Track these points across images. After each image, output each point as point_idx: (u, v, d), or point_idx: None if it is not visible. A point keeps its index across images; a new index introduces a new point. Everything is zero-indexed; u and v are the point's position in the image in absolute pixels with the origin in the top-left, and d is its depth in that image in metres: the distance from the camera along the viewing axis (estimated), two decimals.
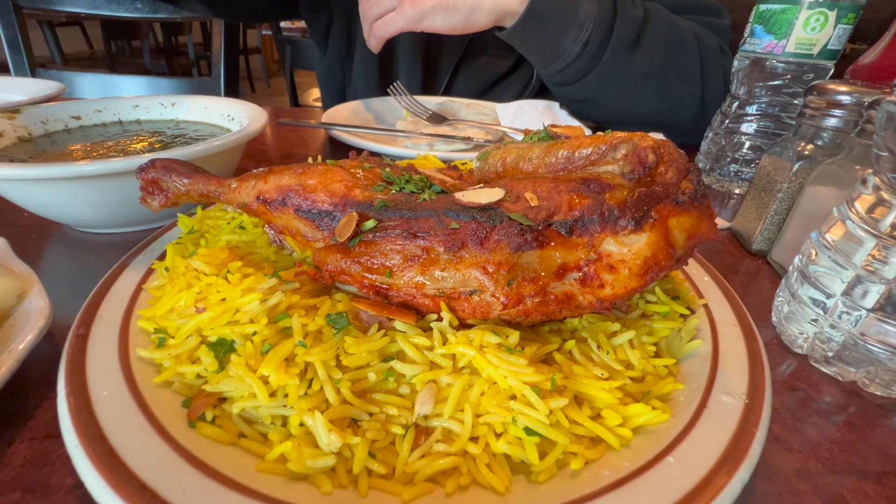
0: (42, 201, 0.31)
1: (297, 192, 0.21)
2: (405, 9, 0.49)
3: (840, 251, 0.23)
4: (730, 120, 0.49)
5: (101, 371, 0.17)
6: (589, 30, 0.50)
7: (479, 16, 0.50)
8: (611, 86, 0.55)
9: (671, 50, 0.56)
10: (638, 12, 0.53)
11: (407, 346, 0.18)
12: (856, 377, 0.24)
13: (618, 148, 0.20)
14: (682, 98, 0.58)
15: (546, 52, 0.53)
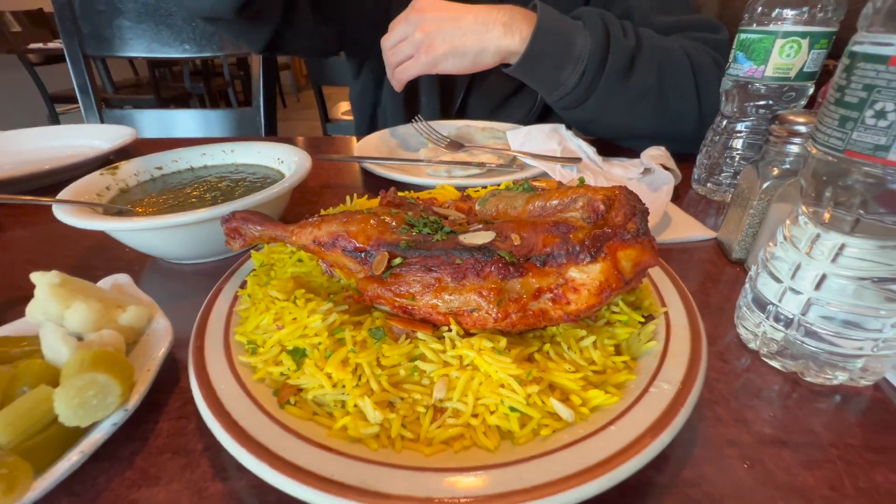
0: (143, 241, 0.40)
1: (343, 237, 0.29)
2: (421, 56, 0.57)
3: (774, 266, 0.28)
4: (720, 135, 0.54)
5: (217, 371, 0.25)
6: (584, 62, 0.56)
7: (486, 57, 0.57)
8: (610, 108, 0.61)
9: (664, 71, 0.61)
10: (630, 42, 0.58)
11: (426, 350, 0.25)
12: (795, 368, 0.29)
13: (577, 200, 0.26)
14: (679, 114, 0.63)
15: (547, 84, 0.59)
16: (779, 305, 0.28)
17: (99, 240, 0.46)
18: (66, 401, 0.21)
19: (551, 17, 0.57)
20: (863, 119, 0.22)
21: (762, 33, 0.46)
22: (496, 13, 0.57)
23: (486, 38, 0.57)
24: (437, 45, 0.56)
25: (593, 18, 0.58)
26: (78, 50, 1.08)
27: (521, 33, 0.57)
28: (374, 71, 0.87)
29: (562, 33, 0.57)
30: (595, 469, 0.19)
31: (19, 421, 0.21)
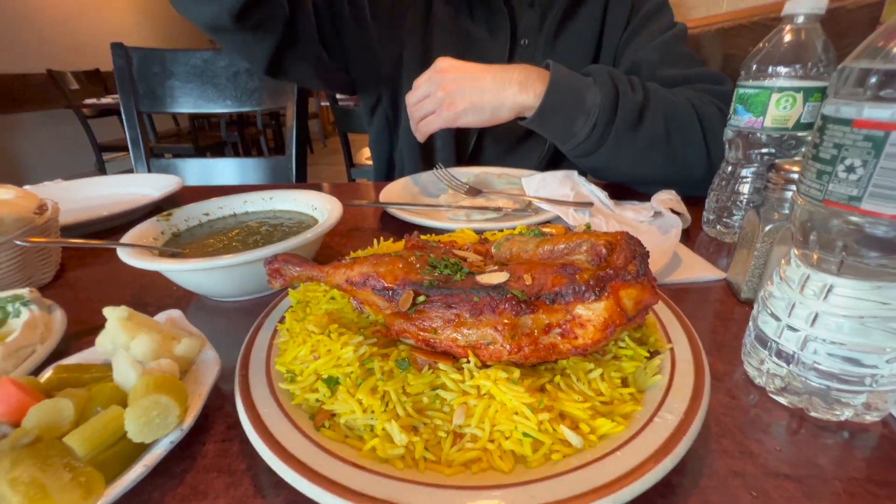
0: (192, 280, 0.44)
1: (373, 277, 0.32)
2: (443, 112, 0.62)
3: (772, 304, 0.30)
4: (727, 181, 0.57)
5: (260, 397, 0.28)
6: (595, 116, 0.60)
7: (503, 112, 0.62)
8: (621, 157, 0.65)
9: (671, 122, 0.65)
10: (637, 96, 0.63)
11: (447, 380, 0.27)
12: (800, 404, 0.30)
13: (582, 244, 0.29)
14: (688, 161, 0.66)
15: (560, 135, 0.64)
16: (779, 342, 0.30)
17: (151, 278, 0.51)
18: (134, 419, 0.25)
19: (563, 74, 0.63)
20: (836, 173, 0.25)
21: (758, 88, 0.50)
22: (512, 72, 0.63)
23: (503, 95, 0.62)
24: (458, 102, 0.62)
25: (602, 75, 0.63)
26: (133, 107, 1.19)
27: (536, 90, 0.62)
28: (387, 115, 0.93)
29: (573, 89, 0.62)
30: (601, 490, 0.21)
31: (94, 436, 0.24)
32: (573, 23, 0.82)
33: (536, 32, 0.82)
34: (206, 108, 1.22)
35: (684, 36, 0.76)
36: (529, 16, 0.82)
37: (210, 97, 1.20)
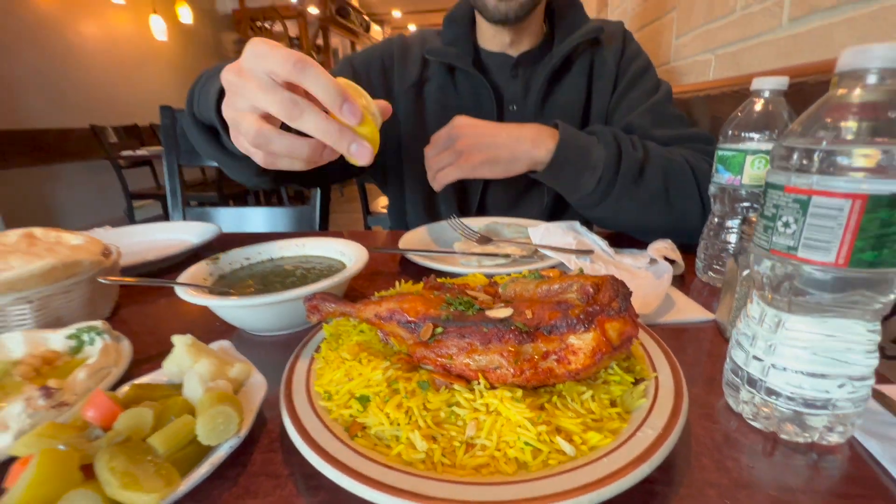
0: (237, 316, 0.50)
1: (398, 312, 0.38)
2: (461, 164, 0.70)
3: (741, 337, 0.35)
4: (714, 231, 0.62)
5: (303, 412, 0.33)
6: (601, 170, 0.67)
7: (517, 166, 0.70)
8: (623, 209, 0.71)
9: (669, 178, 0.71)
10: (638, 154, 0.70)
11: (461, 398, 0.32)
12: (773, 428, 0.34)
13: (573, 285, 0.35)
14: (684, 213, 0.72)
15: (568, 187, 0.71)
16: (748, 371, 0.34)
17: (195, 314, 0.58)
18: (203, 424, 0.30)
19: (570, 133, 0.70)
20: (776, 227, 0.31)
21: (735, 151, 0.57)
22: (525, 130, 0.71)
23: (517, 150, 0.70)
24: (475, 155, 0.70)
25: (606, 134, 0.71)
26: (175, 162, 1.32)
27: (547, 146, 0.69)
28: (396, 186, 1.00)
29: (580, 146, 0.70)
30: (589, 486, 0.26)
31: (172, 438, 0.30)
32: (559, 89, 0.88)
33: (523, 99, 0.88)
34: None
35: (670, 96, 0.84)
36: (514, 85, 0.88)
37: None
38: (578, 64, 0.87)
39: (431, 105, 0.90)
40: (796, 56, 0.69)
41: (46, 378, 0.40)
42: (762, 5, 0.78)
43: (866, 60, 0.27)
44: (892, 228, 0.27)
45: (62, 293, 0.50)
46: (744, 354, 0.35)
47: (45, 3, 4.07)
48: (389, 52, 0.91)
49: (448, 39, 0.87)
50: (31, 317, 0.49)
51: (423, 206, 0.96)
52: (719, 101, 0.85)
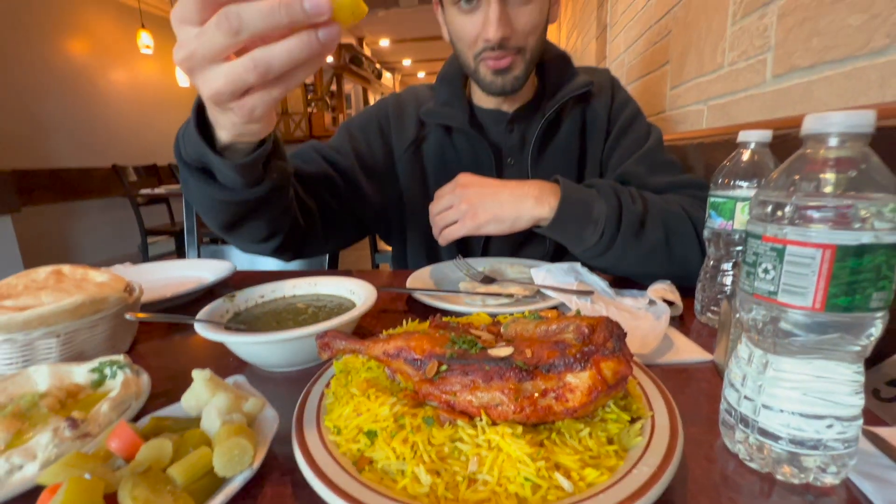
0: (251, 352, 0.52)
1: (405, 350, 0.40)
2: (466, 222, 0.73)
3: (733, 377, 0.37)
4: (710, 274, 0.65)
5: (314, 446, 0.35)
6: (602, 224, 0.70)
7: (521, 223, 0.73)
8: (626, 260, 0.73)
9: (669, 227, 0.74)
10: (638, 207, 0.73)
11: (464, 434, 0.34)
12: (768, 468, 0.35)
13: (569, 325, 0.37)
14: (685, 261, 0.74)
15: (572, 242, 0.73)
16: (741, 410, 0.36)
17: (208, 350, 0.60)
18: (220, 456, 0.32)
19: (571, 188, 0.73)
20: (757, 273, 0.33)
21: (725, 197, 0.60)
22: (527, 188, 0.74)
23: (521, 208, 0.73)
24: (480, 213, 0.72)
25: (605, 188, 0.74)
26: None
27: (550, 203, 0.72)
28: (399, 239, 1.03)
29: (582, 202, 0.72)
30: None
31: (189, 470, 0.31)
32: (554, 140, 0.91)
33: (519, 153, 0.91)
34: None
35: (662, 142, 0.87)
36: (510, 139, 0.91)
37: None
38: (570, 115, 0.91)
39: (430, 163, 0.93)
40: (780, 110, 0.73)
41: (70, 410, 0.42)
42: (747, 63, 0.84)
43: (826, 126, 0.30)
44: (862, 276, 0.29)
45: (88, 328, 0.53)
46: (736, 394, 0.36)
47: (79, 52, 4.36)
48: (385, 114, 0.94)
49: (442, 99, 0.90)
50: (56, 350, 0.51)
51: (426, 258, 0.98)
52: (712, 148, 0.90)
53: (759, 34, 0.80)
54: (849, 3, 0.60)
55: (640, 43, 1.51)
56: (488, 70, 0.79)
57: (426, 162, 0.94)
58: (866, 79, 0.57)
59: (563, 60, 0.91)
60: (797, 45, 0.70)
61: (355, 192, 0.90)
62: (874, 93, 0.56)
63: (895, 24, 0.53)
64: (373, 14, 6.77)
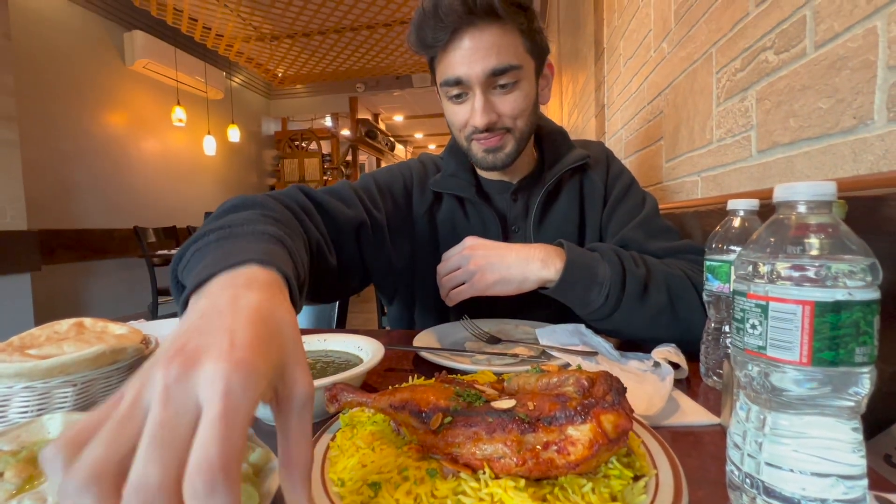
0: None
1: (411, 403, 0.41)
2: (474, 283, 0.75)
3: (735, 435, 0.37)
4: (712, 336, 0.65)
5: (318, 497, 0.35)
6: (607, 287, 0.73)
7: (527, 285, 0.75)
8: (632, 323, 0.75)
9: (672, 291, 0.76)
10: (641, 271, 0.76)
11: (467, 487, 0.34)
12: None
13: (569, 379, 0.38)
14: (689, 323, 0.75)
15: (577, 303, 0.75)
16: (745, 469, 0.36)
17: None
18: None
19: (575, 252, 0.76)
20: (746, 329, 0.35)
21: (720, 261, 0.63)
22: (533, 251, 0.76)
23: (527, 270, 0.75)
24: (488, 276, 0.75)
25: (608, 253, 0.77)
26: None
27: (556, 266, 0.74)
28: (406, 302, 1.06)
29: (587, 265, 0.75)
30: None
31: None
32: (555, 208, 0.96)
33: (523, 220, 0.97)
34: None
35: (657, 209, 0.92)
36: (515, 208, 0.97)
37: None
38: (570, 185, 0.97)
39: (443, 229, 0.99)
40: (767, 180, 0.78)
41: None
42: (734, 139, 0.90)
43: (793, 195, 0.34)
44: (843, 331, 0.31)
45: (104, 378, 0.55)
46: (739, 452, 0.36)
47: (117, 123, 4.73)
48: (410, 177, 1.01)
49: (451, 170, 0.97)
50: (71, 400, 0.53)
51: (434, 319, 0.99)
52: (707, 216, 0.94)
53: (741, 114, 0.87)
54: (816, 89, 0.66)
55: (636, 121, 1.63)
56: (480, 148, 0.86)
57: (439, 228, 0.99)
58: (841, 154, 0.62)
59: (560, 136, 0.99)
60: (776, 125, 0.76)
61: (381, 244, 0.92)
62: (849, 166, 0.61)
63: (860, 107, 0.59)
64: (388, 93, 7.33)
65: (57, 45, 4.09)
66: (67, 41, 4.19)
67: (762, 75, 0.80)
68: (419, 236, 0.99)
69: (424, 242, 0.99)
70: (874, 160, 0.57)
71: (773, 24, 0.77)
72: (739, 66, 0.88)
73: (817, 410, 0.33)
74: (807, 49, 0.69)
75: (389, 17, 4.75)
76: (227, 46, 5.31)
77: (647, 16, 1.50)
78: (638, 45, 1.60)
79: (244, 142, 6.72)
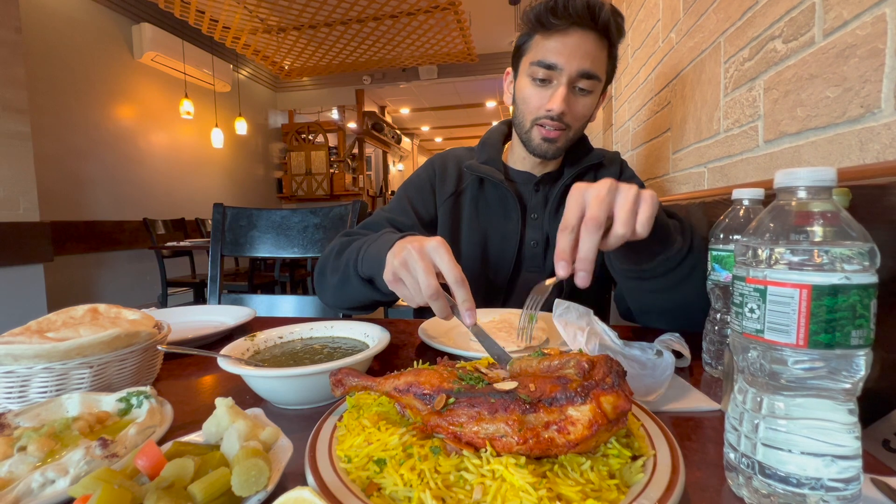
0: (268, 387, 0.55)
1: (415, 385, 0.42)
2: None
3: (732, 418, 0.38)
4: (716, 325, 0.66)
5: (325, 472, 0.36)
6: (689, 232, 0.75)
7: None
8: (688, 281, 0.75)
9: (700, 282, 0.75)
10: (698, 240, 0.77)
11: (469, 464, 0.35)
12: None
13: (570, 361, 0.39)
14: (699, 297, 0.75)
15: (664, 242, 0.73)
16: (741, 450, 0.36)
17: (230, 387, 0.62)
18: (238, 475, 0.34)
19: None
20: (745, 313, 0.35)
21: (725, 251, 0.63)
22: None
23: None
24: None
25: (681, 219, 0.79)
26: (219, 252, 1.45)
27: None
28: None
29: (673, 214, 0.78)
30: None
31: (209, 489, 0.33)
32: None
33: (542, 209, 1.05)
34: (277, 254, 1.47)
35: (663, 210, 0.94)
36: (536, 198, 1.06)
37: (281, 245, 1.45)
38: (586, 181, 1.00)
39: (466, 210, 1.08)
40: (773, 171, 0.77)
41: (98, 435, 0.44)
42: (741, 129, 0.90)
43: (793, 180, 0.34)
44: (839, 314, 0.31)
45: (118, 361, 0.56)
46: (736, 435, 0.37)
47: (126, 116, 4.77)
48: (433, 173, 1.11)
49: (482, 159, 1.07)
50: (88, 381, 0.54)
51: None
52: (713, 207, 0.94)
53: (749, 104, 0.87)
54: (824, 78, 0.66)
55: (643, 112, 1.61)
56: (539, 134, 0.95)
57: (463, 211, 1.08)
58: (847, 143, 0.62)
59: (582, 139, 1.08)
60: (783, 114, 0.76)
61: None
62: (855, 156, 0.60)
63: (867, 96, 0.58)
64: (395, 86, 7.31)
65: (66, 38, 4.12)
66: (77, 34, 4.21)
67: (770, 64, 0.80)
68: (442, 220, 1.08)
69: (447, 226, 1.07)
70: (880, 149, 0.57)
71: (782, 12, 0.76)
72: (748, 55, 0.87)
73: (813, 392, 0.33)
74: (815, 37, 0.68)
75: (396, 9, 4.71)
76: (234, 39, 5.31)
77: (655, 5, 1.48)
78: (646, 35, 1.58)
79: (251, 134, 6.74)
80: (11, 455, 0.40)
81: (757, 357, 0.35)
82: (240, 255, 1.48)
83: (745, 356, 0.36)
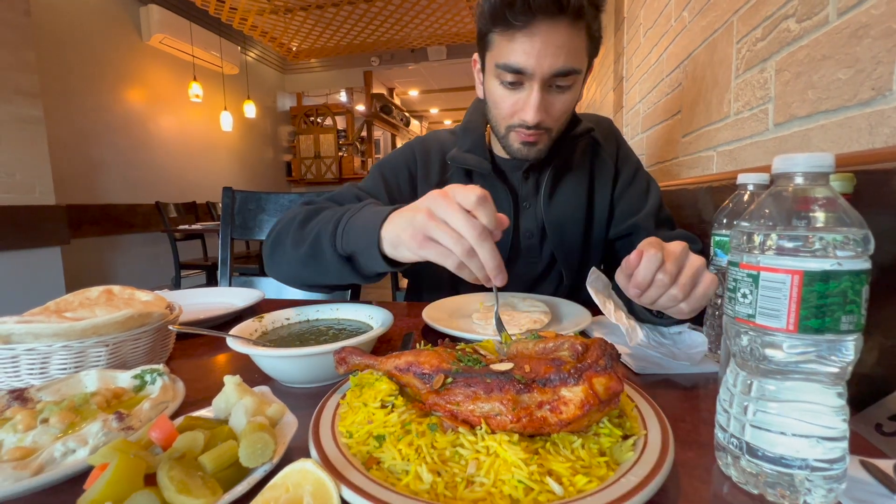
0: (275, 366, 0.57)
1: (415, 365, 0.44)
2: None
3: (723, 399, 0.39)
4: (717, 310, 0.66)
5: (328, 446, 0.38)
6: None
7: None
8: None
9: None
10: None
11: (465, 440, 0.37)
12: (760, 490, 0.36)
13: (564, 344, 0.40)
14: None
15: None
16: (731, 431, 0.37)
17: (238, 366, 0.65)
18: (245, 448, 0.36)
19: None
20: (737, 298, 0.36)
21: (728, 236, 0.63)
22: None
23: None
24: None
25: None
26: (229, 235, 1.47)
27: None
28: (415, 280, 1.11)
29: None
30: None
31: (218, 459, 0.35)
32: (563, 185, 0.97)
33: (534, 197, 0.97)
34: None
35: (661, 196, 0.96)
36: (526, 186, 0.98)
37: None
38: (580, 163, 0.98)
39: None
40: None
41: (114, 409, 0.47)
42: (751, 112, 0.88)
43: (791, 166, 0.34)
44: (829, 300, 0.32)
45: (133, 340, 0.59)
46: (726, 416, 0.38)
47: (136, 100, 4.79)
48: (413, 158, 1.01)
49: (466, 147, 0.96)
50: (104, 359, 0.57)
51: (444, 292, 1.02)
52: (721, 191, 0.93)
53: (760, 86, 0.85)
54: (836, 59, 0.64)
55: (654, 94, 1.58)
56: (517, 139, 0.85)
57: None
58: (857, 127, 0.60)
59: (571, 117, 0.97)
60: (794, 97, 0.74)
61: None
62: (864, 140, 0.59)
63: (879, 78, 0.57)
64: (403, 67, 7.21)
65: (75, 20, 4.12)
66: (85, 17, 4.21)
67: (783, 45, 0.78)
68: None
69: None
70: (890, 133, 0.55)
71: None
72: (760, 35, 0.85)
73: (802, 376, 0.34)
74: (829, 16, 0.66)
75: None
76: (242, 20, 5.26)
77: None
78: (659, 13, 1.54)
79: (260, 117, 6.74)
80: (35, 426, 0.42)
81: (748, 341, 0.35)
82: (249, 239, 1.51)
83: (737, 340, 0.36)
